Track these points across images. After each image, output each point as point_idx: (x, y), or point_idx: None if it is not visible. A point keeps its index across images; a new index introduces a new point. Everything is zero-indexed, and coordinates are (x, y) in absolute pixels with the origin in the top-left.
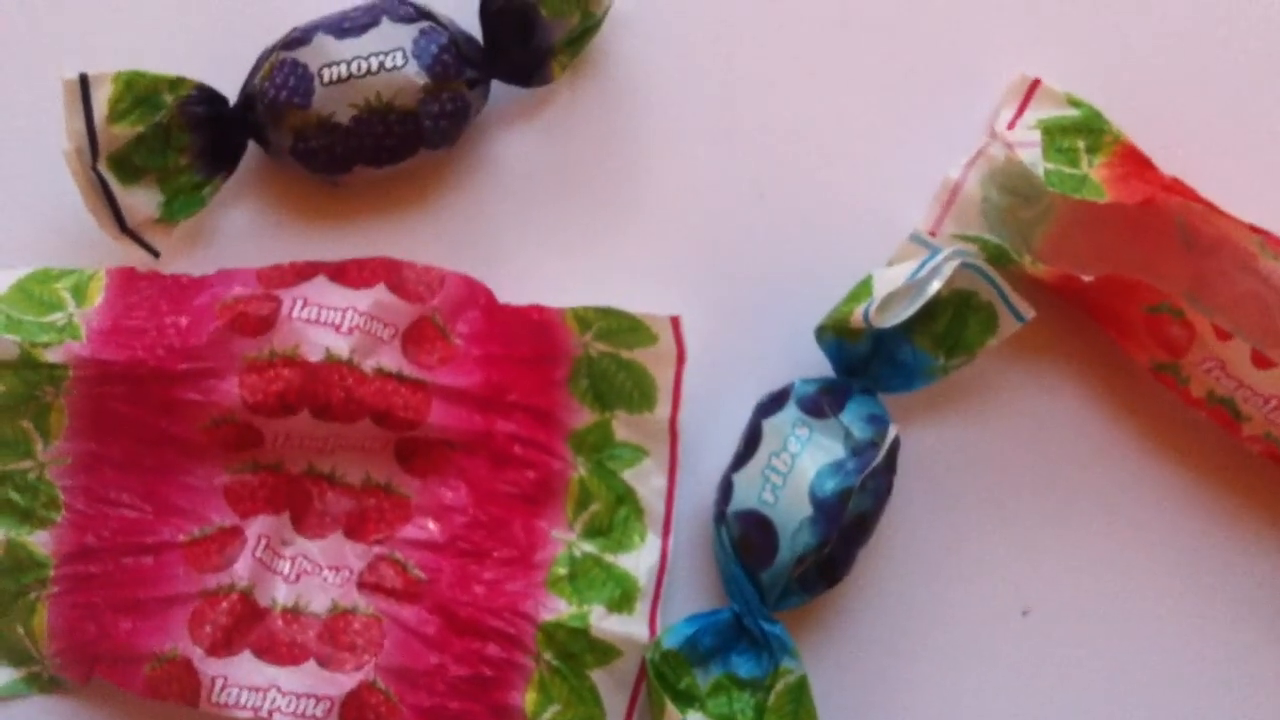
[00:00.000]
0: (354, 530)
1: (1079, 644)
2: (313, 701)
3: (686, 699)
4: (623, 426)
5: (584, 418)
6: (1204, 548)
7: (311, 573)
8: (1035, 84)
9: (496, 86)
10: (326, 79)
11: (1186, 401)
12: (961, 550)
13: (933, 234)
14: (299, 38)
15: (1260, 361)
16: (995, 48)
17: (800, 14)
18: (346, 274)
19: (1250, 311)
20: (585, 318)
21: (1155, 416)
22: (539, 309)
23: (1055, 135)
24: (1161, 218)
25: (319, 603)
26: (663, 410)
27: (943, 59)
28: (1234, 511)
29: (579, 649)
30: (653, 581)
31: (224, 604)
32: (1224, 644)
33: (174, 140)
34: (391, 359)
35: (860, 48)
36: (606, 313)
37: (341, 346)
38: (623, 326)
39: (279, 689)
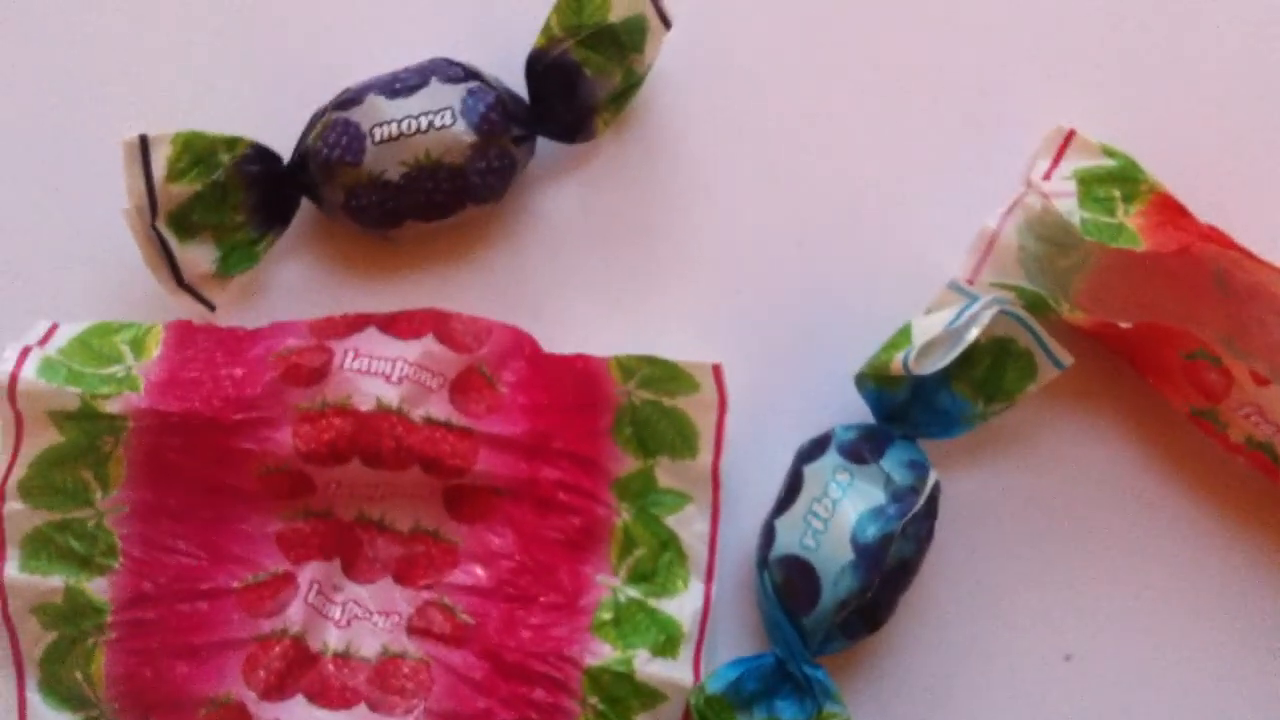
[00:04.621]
0: (403, 576)
1: (1122, 690)
2: None
3: None
4: (665, 473)
5: (627, 465)
6: (1244, 592)
7: (362, 617)
8: (1070, 135)
9: (541, 143)
10: (378, 138)
11: (1225, 447)
12: (1003, 595)
13: (970, 282)
14: (351, 98)
15: None
16: (1031, 99)
17: (838, 69)
18: (396, 325)
19: None
20: (628, 366)
21: (1194, 462)
22: (583, 358)
23: (1091, 185)
24: (1198, 265)
25: (369, 647)
26: (705, 457)
27: (979, 111)
28: (1274, 556)
29: (624, 693)
30: (696, 626)
31: (277, 649)
32: (1266, 690)
33: (230, 198)
34: (440, 408)
35: (897, 101)
36: (649, 361)
37: (391, 396)
38: (665, 374)
39: None
